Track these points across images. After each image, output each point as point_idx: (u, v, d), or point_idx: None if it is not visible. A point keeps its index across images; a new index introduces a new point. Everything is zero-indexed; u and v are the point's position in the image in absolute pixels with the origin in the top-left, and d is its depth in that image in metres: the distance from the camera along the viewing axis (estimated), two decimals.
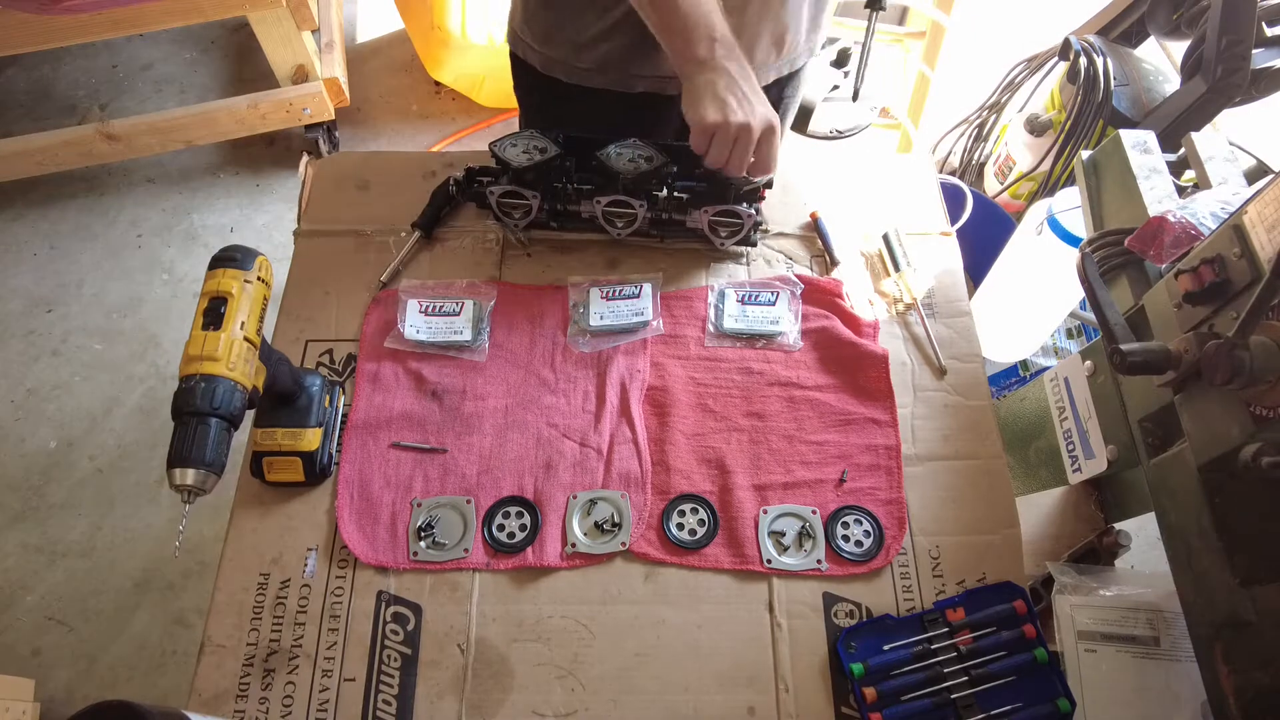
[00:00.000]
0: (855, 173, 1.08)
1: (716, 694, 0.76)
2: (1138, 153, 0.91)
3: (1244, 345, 0.57)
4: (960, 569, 0.81)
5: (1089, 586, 0.86)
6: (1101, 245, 0.88)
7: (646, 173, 0.90)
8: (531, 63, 1.04)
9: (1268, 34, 1.36)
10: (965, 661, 0.76)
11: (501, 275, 0.99)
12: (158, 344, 2.05)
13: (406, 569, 0.80)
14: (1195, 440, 0.67)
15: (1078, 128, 1.71)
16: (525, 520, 0.83)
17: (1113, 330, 0.70)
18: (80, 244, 2.22)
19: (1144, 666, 0.81)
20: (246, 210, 2.30)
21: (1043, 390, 0.97)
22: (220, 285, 0.71)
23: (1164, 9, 1.58)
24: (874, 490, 0.85)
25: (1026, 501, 0.98)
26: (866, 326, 0.94)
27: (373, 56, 2.58)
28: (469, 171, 0.99)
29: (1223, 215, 0.75)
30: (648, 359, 0.92)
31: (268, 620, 0.78)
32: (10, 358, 2.03)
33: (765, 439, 0.88)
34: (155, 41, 2.61)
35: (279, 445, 0.82)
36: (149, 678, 1.62)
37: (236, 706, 0.75)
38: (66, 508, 1.82)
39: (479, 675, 0.76)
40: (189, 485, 0.65)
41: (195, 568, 1.74)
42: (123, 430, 1.92)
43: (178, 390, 0.67)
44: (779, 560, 0.81)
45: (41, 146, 2.07)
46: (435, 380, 0.90)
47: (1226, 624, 0.66)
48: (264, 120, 2.15)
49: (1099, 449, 0.86)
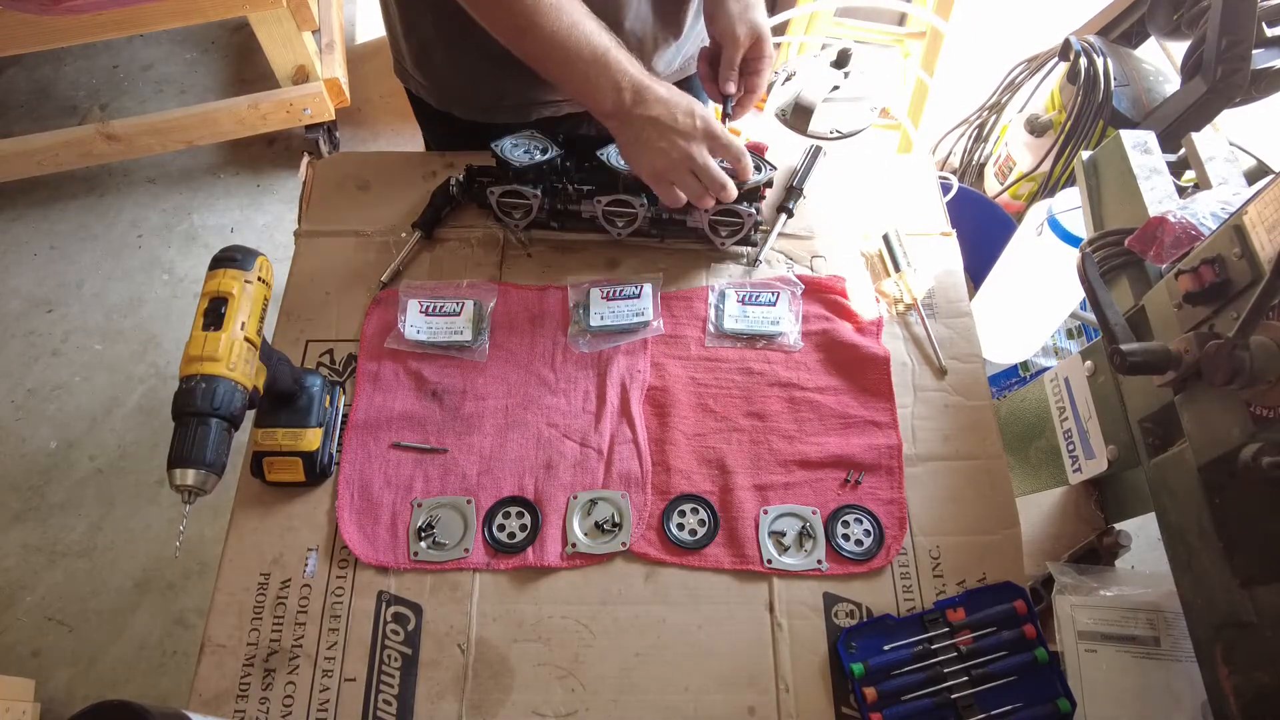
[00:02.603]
0: (855, 173, 1.08)
1: (717, 694, 0.76)
2: (1138, 153, 0.91)
3: (1244, 345, 0.57)
4: (960, 569, 0.81)
5: (1089, 586, 0.86)
6: (1102, 245, 0.88)
7: None
8: (426, 99, 1.05)
9: (1268, 34, 1.36)
10: (965, 661, 0.76)
11: (502, 275, 0.99)
12: (158, 344, 2.05)
13: (407, 569, 0.80)
14: (1195, 440, 0.67)
15: (1078, 128, 1.71)
16: (525, 520, 0.83)
17: (1113, 330, 0.70)
18: (80, 244, 2.23)
19: (1144, 666, 0.81)
20: (247, 210, 2.30)
21: (1043, 390, 0.97)
22: (221, 285, 0.71)
23: (1164, 9, 1.58)
24: (874, 490, 0.85)
25: (1026, 501, 0.98)
26: (869, 325, 0.94)
27: (373, 56, 2.58)
28: (469, 171, 0.99)
29: (1223, 215, 0.75)
30: (648, 359, 0.93)
31: (268, 620, 0.78)
32: (10, 358, 2.03)
33: (766, 439, 0.88)
34: (155, 42, 2.61)
35: (279, 445, 0.82)
36: (149, 678, 1.62)
37: (237, 706, 0.75)
38: (66, 508, 1.82)
39: (479, 675, 0.76)
40: (189, 485, 0.65)
41: (195, 568, 1.74)
42: (123, 430, 1.92)
43: (178, 390, 0.67)
44: (779, 560, 0.81)
45: (42, 146, 2.08)
46: (436, 380, 0.90)
47: (1227, 624, 0.66)
48: (264, 121, 2.15)
49: (1099, 449, 0.86)
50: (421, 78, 1.02)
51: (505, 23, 0.79)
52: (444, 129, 1.07)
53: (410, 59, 1.02)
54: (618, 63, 0.80)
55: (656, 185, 0.86)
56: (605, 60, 0.79)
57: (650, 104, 0.81)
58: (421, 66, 1.01)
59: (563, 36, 0.78)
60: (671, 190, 0.86)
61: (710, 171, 0.84)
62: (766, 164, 0.93)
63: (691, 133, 0.82)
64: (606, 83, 0.80)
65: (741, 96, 0.96)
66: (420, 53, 0.99)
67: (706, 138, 0.83)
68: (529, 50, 0.81)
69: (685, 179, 0.85)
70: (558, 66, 0.81)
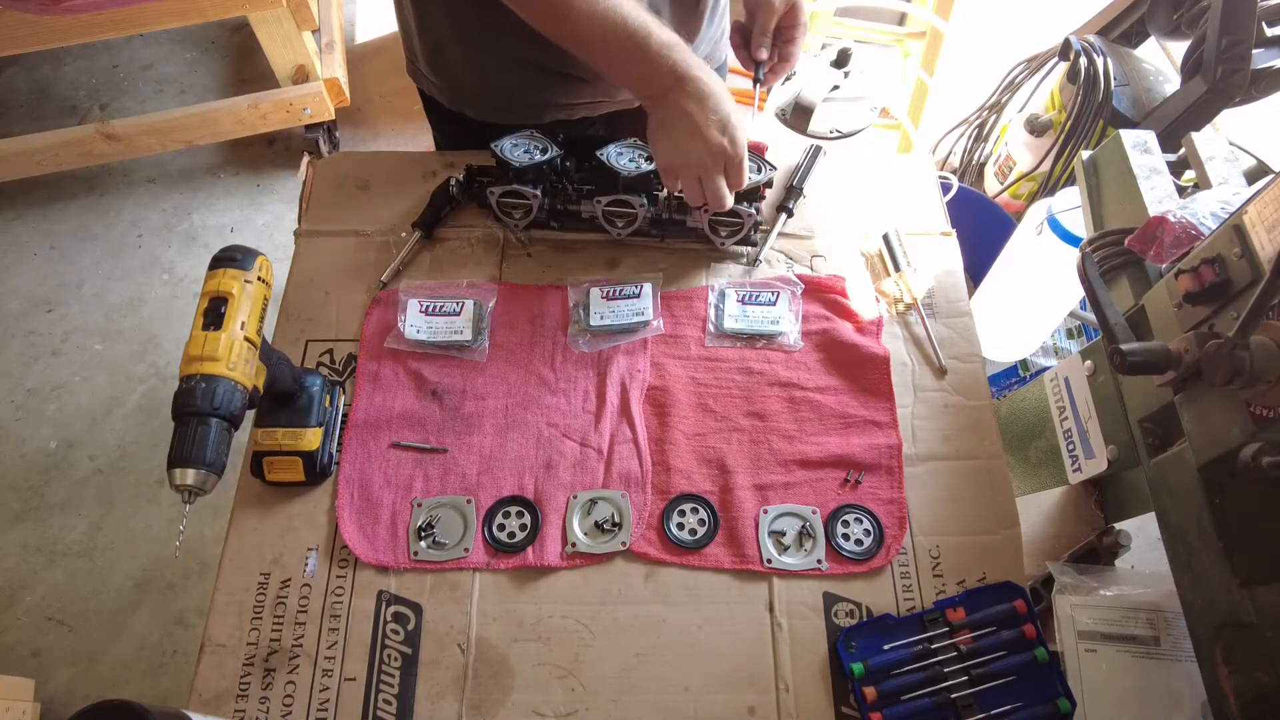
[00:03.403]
0: (855, 173, 1.08)
1: (716, 694, 0.76)
2: (1138, 153, 0.91)
3: (1244, 345, 0.57)
4: (960, 569, 0.81)
5: (1089, 586, 0.86)
6: (1102, 245, 0.88)
7: (646, 172, 0.90)
8: (438, 99, 1.05)
9: (1268, 34, 1.36)
10: (965, 661, 0.76)
11: (502, 275, 0.99)
12: (158, 344, 2.06)
13: (407, 569, 0.80)
14: (1195, 440, 0.67)
15: (1078, 128, 1.71)
16: (525, 520, 0.83)
17: (1113, 330, 0.70)
18: (80, 244, 2.23)
19: (1144, 666, 0.81)
20: (247, 210, 2.30)
21: (1043, 390, 0.97)
22: (221, 285, 0.71)
23: (1164, 9, 1.58)
24: (874, 490, 0.85)
25: (1026, 501, 0.98)
26: (869, 324, 0.94)
27: (373, 56, 2.58)
28: (469, 171, 0.99)
29: (1223, 215, 0.75)
30: (648, 359, 0.93)
31: (268, 620, 0.78)
32: (10, 358, 2.03)
33: (766, 439, 0.88)
34: (155, 41, 2.61)
35: (279, 445, 0.82)
36: (149, 678, 1.62)
37: (237, 706, 0.75)
38: (66, 508, 1.82)
39: (479, 675, 0.76)
40: (189, 485, 0.65)
41: (195, 568, 1.74)
42: (123, 430, 1.92)
43: (178, 390, 0.67)
44: (779, 560, 0.81)
45: (42, 146, 2.08)
46: (435, 380, 0.90)
47: (1227, 624, 0.66)
48: (264, 120, 2.15)
49: (1099, 449, 0.86)
50: (434, 77, 1.02)
51: (544, 11, 0.79)
52: (454, 129, 1.07)
53: (423, 58, 1.01)
54: (659, 45, 0.79)
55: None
56: (646, 44, 0.79)
57: (689, 97, 0.80)
58: (434, 65, 1.01)
59: (600, 19, 0.77)
60: (674, 182, 0.87)
61: (716, 187, 0.85)
62: (766, 164, 0.93)
63: (716, 148, 0.82)
64: (647, 66, 0.80)
65: (774, 64, 0.96)
66: (433, 52, 0.99)
67: (725, 159, 0.83)
68: (569, 34, 0.80)
69: (691, 182, 0.85)
70: (598, 49, 0.81)
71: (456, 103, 1.03)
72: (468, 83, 1.00)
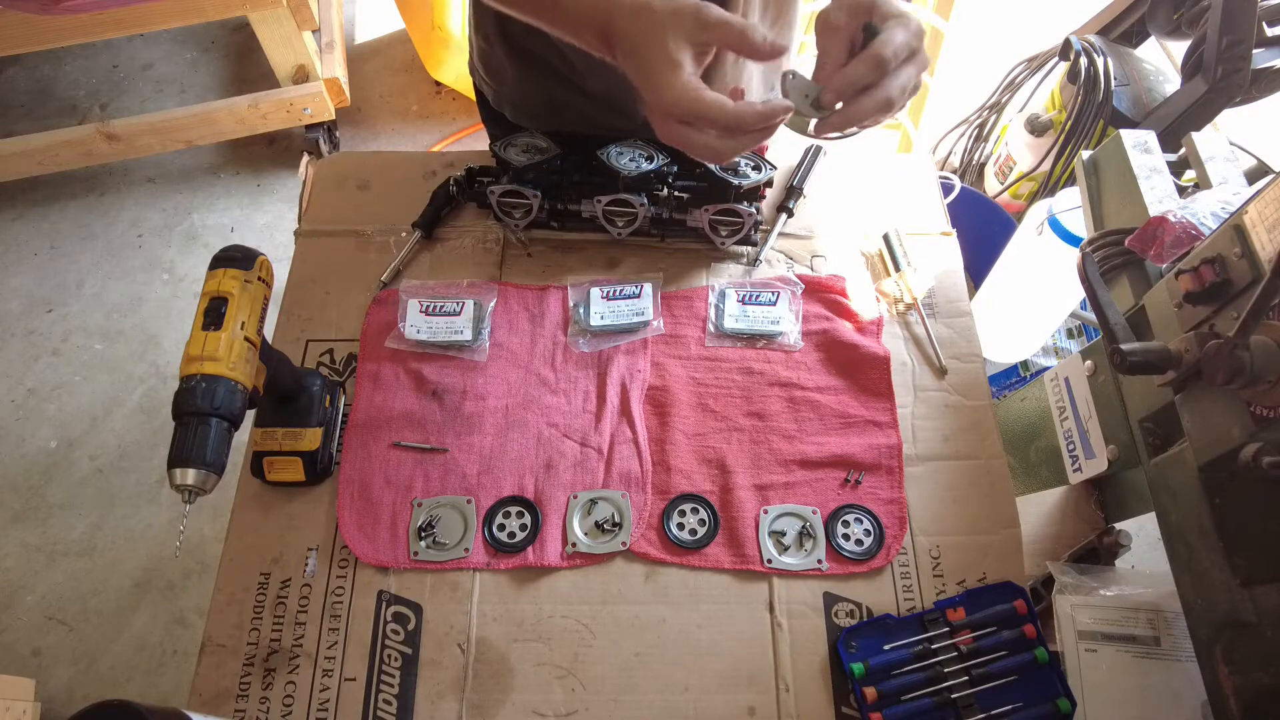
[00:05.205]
0: (855, 172, 1.08)
1: (716, 694, 0.76)
2: (1138, 153, 0.91)
3: (1244, 345, 0.57)
4: (960, 569, 0.81)
5: (1089, 586, 0.86)
6: (1102, 245, 0.88)
7: (647, 172, 0.90)
8: (485, 95, 1.07)
9: (1268, 34, 1.37)
10: (966, 661, 0.76)
11: (502, 275, 0.99)
12: (158, 344, 2.06)
13: (407, 569, 0.80)
14: (1195, 440, 0.67)
15: (1078, 128, 1.71)
16: (526, 520, 0.83)
17: (1113, 330, 0.70)
18: (80, 244, 2.23)
19: (1144, 666, 0.81)
20: (247, 210, 2.30)
21: (1043, 390, 0.97)
22: (221, 285, 0.71)
23: (1164, 9, 1.58)
24: (874, 490, 0.85)
25: (1026, 501, 0.98)
26: (869, 324, 0.94)
27: (373, 56, 2.58)
28: (469, 171, 0.99)
29: (1223, 215, 0.75)
30: (648, 359, 0.93)
31: (268, 620, 0.78)
32: (10, 358, 2.03)
33: (766, 439, 0.88)
34: (156, 41, 2.61)
35: (279, 445, 0.82)
36: (149, 678, 1.62)
37: (237, 706, 0.75)
38: (66, 508, 1.82)
39: (479, 675, 0.76)
40: (189, 485, 0.65)
41: (195, 568, 1.74)
42: (123, 430, 1.92)
43: (178, 390, 0.67)
44: (779, 560, 0.81)
45: (42, 146, 2.08)
46: (436, 380, 0.90)
47: (1227, 624, 0.66)
48: (264, 120, 2.16)
49: (1099, 449, 0.86)
50: (484, 74, 1.05)
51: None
52: (498, 130, 1.09)
53: (476, 54, 1.04)
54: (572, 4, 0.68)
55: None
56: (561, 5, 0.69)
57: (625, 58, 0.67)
58: (485, 64, 1.03)
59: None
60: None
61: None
62: (766, 164, 0.93)
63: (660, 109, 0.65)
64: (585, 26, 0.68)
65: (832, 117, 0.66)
66: (484, 51, 1.01)
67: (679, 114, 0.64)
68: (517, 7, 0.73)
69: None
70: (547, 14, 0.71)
71: (499, 103, 1.06)
72: (509, 87, 1.02)
